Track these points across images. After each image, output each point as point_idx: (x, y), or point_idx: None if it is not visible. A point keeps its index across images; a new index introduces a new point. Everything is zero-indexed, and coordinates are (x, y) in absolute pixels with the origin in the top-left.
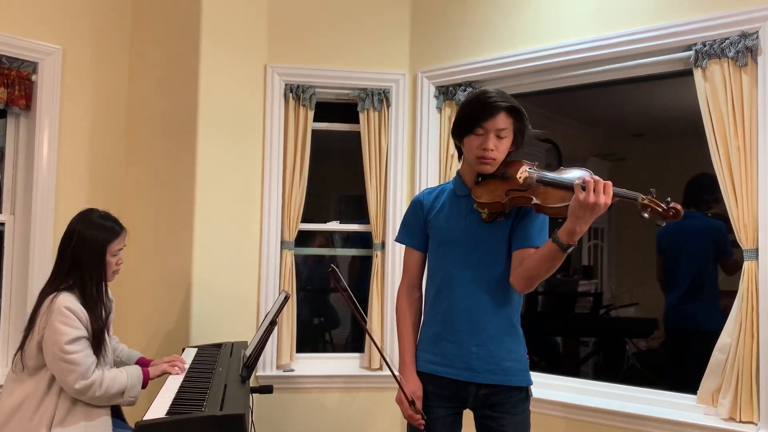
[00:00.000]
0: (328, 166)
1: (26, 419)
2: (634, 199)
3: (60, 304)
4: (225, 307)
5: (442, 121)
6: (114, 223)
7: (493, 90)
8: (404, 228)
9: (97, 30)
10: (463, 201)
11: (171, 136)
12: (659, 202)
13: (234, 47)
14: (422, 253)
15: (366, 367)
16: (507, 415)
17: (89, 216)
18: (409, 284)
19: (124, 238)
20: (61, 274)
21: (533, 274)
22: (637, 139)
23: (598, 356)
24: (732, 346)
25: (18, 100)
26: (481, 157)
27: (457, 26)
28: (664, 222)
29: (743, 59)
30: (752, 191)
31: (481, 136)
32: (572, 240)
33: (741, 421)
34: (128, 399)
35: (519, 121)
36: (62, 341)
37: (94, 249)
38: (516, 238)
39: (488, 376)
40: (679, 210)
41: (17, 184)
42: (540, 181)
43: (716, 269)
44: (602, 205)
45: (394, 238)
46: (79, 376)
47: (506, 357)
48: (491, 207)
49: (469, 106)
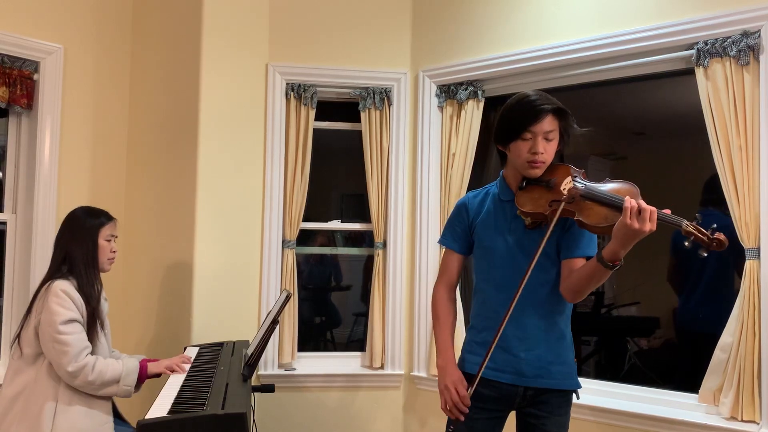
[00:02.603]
0: (329, 165)
1: (27, 408)
2: (679, 225)
3: (56, 287)
4: (226, 306)
5: (443, 120)
6: (102, 213)
7: (534, 92)
8: (449, 231)
9: (98, 29)
10: (507, 206)
11: (172, 135)
12: (704, 231)
13: (235, 46)
14: (463, 256)
15: (367, 366)
16: (551, 416)
17: (78, 210)
18: (447, 284)
19: (116, 227)
20: (57, 264)
21: (580, 289)
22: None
23: (600, 355)
24: (734, 345)
25: (19, 99)
26: (531, 162)
27: (458, 25)
28: (706, 252)
29: (745, 58)
30: (754, 190)
31: (529, 141)
32: (616, 260)
33: (743, 420)
34: (123, 388)
35: (565, 121)
36: (57, 321)
37: (86, 234)
38: (565, 247)
39: (537, 380)
40: (723, 241)
41: (19, 183)
42: (584, 197)
43: (733, 271)
44: (647, 232)
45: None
46: (72, 358)
47: (555, 361)
48: (534, 217)
49: (512, 111)
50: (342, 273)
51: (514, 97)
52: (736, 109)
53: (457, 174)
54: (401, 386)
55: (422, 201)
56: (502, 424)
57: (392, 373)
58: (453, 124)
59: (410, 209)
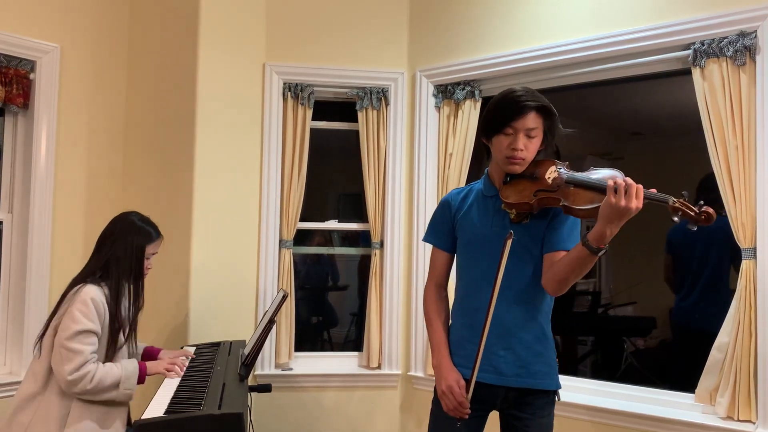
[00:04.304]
0: (326, 164)
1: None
2: (665, 202)
3: (86, 294)
4: (223, 305)
5: (440, 120)
6: (153, 227)
7: (522, 88)
8: (432, 228)
9: (95, 28)
10: (490, 201)
11: (169, 135)
12: (691, 206)
13: (232, 45)
14: (449, 254)
15: (364, 366)
16: (534, 417)
17: (130, 217)
18: (436, 283)
19: (159, 245)
20: (94, 267)
21: (564, 277)
22: (635, 138)
23: (596, 355)
24: (730, 345)
25: (16, 98)
26: (510, 157)
27: (456, 25)
28: (695, 226)
29: (741, 58)
30: (750, 190)
31: (510, 136)
32: (602, 243)
33: (739, 420)
34: (124, 392)
35: (549, 121)
36: (74, 328)
37: (134, 246)
38: (546, 241)
39: (517, 380)
40: (711, 214)
41: (15, 182)
42: (569, 182)
43: (729, 269)
44: (633, 209)
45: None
46: (74, 368)
47: (535, 360)
48: (519, 208)
49: (497, 106)
50: (339, 273)
51: (501, 91)
52: (733, 109)
53: (454, 174)
54: (398, 386)
55: (419, 201)
56: (483, 423)
57: (389, 372)
58: (450, 124)
59: (407, 209)
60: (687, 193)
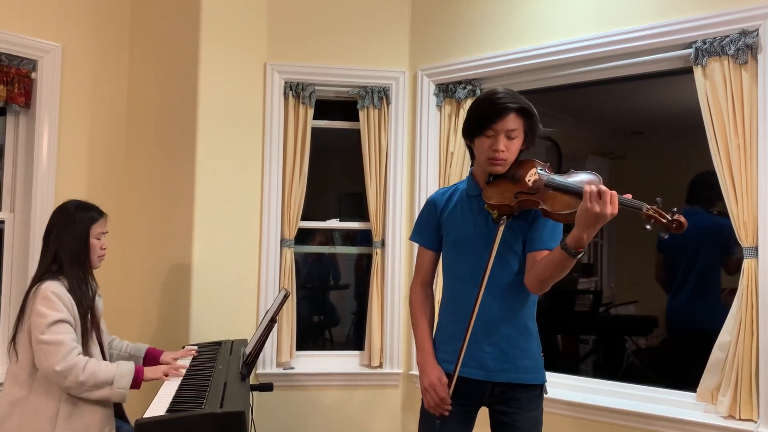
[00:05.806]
0: (327, 163)
1: (25, 412)
2: (639, 209)
3: (45, 289)
4: (224, 305)
5: (441, 119)
6: (93, 209)
7: (503, 90)
8: (418, 227)
9: (96, 27)
10: (474, 201)
11: (170, 134)
12: (664, 214)
13: (233, 45)
14: (435, 253)
15: (366, 365)
16: (521, 411)
17: (67, 205)
18: (422, 282)
19: (106, 223)
20: (46, 263)
21: (545, 277)
22: (636, 137)
23: (598, 354)
24: (731, 344)
25: (17, 97)
26: (492, 159)
27: (457, 24)
28: (667, 234)
29: (743, 57)
30: (752, 189)
31: (492, 138)
32: (580, 247)
33: (740, 419)
34: (117, 391)
35: (529, 121)
36: (44, 323)
37: (77, 233)
38: (529, 239)
39: (503, 375)
40: (683, 222)
41: (17, 181)
42: (548, 185)
43: (719, 267)
44: (608, 215)
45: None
46: (60, 359)
47: (520, 355)
48: (500, 209)
49: (478, 107)
50: (340, 272)
51: (483, 92)
52: (734, 108)
53: (455, 173)
54: (399, 385)
55: (420, 200)
56: (473, 418)
57: (390, 371)
58: (451, 122)
59: (408, 208)
60: (661, 200)
